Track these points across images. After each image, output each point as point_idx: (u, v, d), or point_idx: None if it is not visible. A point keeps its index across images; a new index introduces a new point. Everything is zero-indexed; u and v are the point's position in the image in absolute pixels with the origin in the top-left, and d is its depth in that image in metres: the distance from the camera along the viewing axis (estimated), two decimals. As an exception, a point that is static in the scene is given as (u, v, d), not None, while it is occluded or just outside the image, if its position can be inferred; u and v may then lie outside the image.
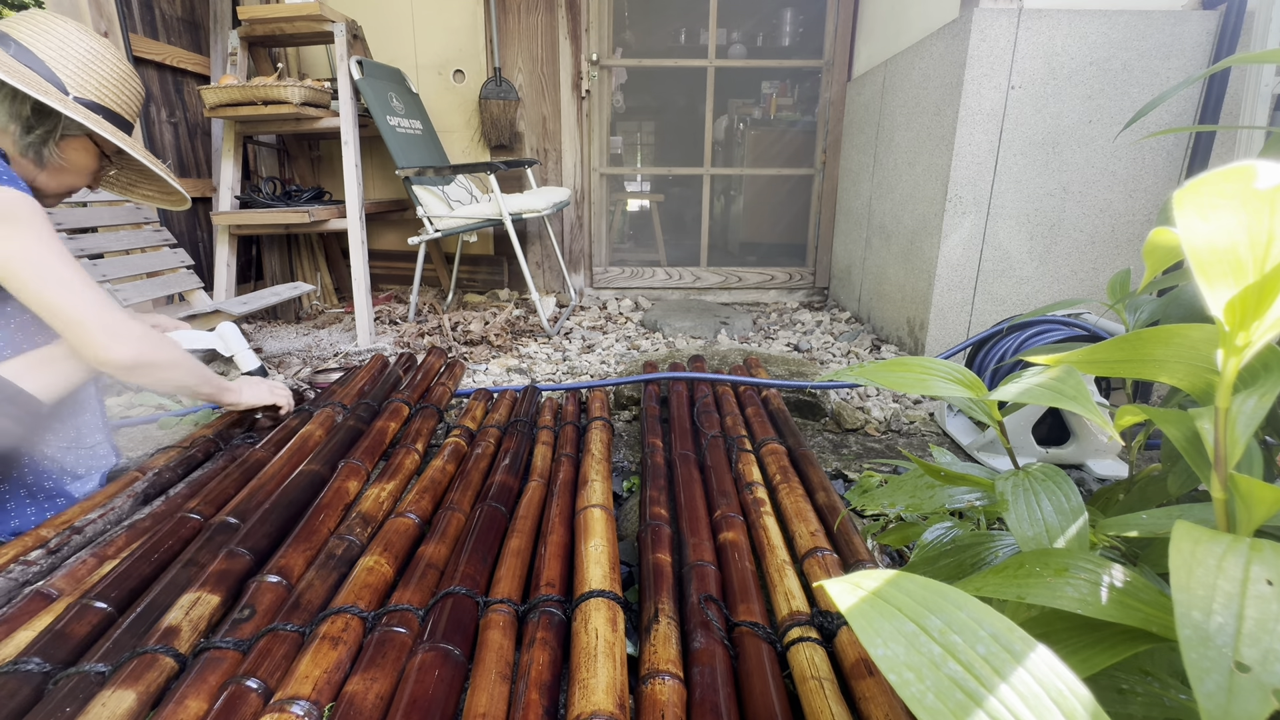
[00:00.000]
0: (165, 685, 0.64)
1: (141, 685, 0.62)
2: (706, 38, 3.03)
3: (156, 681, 0.63)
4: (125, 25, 2.05)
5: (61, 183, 1.00)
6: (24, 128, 0.92)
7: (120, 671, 0.63)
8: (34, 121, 0.92)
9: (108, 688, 0.61)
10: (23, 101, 0.90)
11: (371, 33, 2.74)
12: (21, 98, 0.90)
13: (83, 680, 0.63)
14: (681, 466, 1.10)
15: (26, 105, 0.91)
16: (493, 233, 3.05)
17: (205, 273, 2.53)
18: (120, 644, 0.68)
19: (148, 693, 0.62)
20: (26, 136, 0.92)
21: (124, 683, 0.62)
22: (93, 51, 0.96)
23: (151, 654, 0.65)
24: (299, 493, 0.99)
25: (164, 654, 0.66)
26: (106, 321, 0.90)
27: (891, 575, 0.28)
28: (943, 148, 1.81)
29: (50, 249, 0.87)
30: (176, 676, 0.66)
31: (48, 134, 0.93)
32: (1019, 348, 1.29)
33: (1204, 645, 0.24)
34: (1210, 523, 0.34)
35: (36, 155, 0.94)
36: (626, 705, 0.60)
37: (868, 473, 1.20)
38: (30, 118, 0.91)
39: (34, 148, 0.93)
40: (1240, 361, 0.30)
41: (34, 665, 0.65)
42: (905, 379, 0.47)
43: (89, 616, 0.72)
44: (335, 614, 0.70)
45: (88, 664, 0.65)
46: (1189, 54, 1.66)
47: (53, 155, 0.95)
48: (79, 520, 0.94)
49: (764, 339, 2.40)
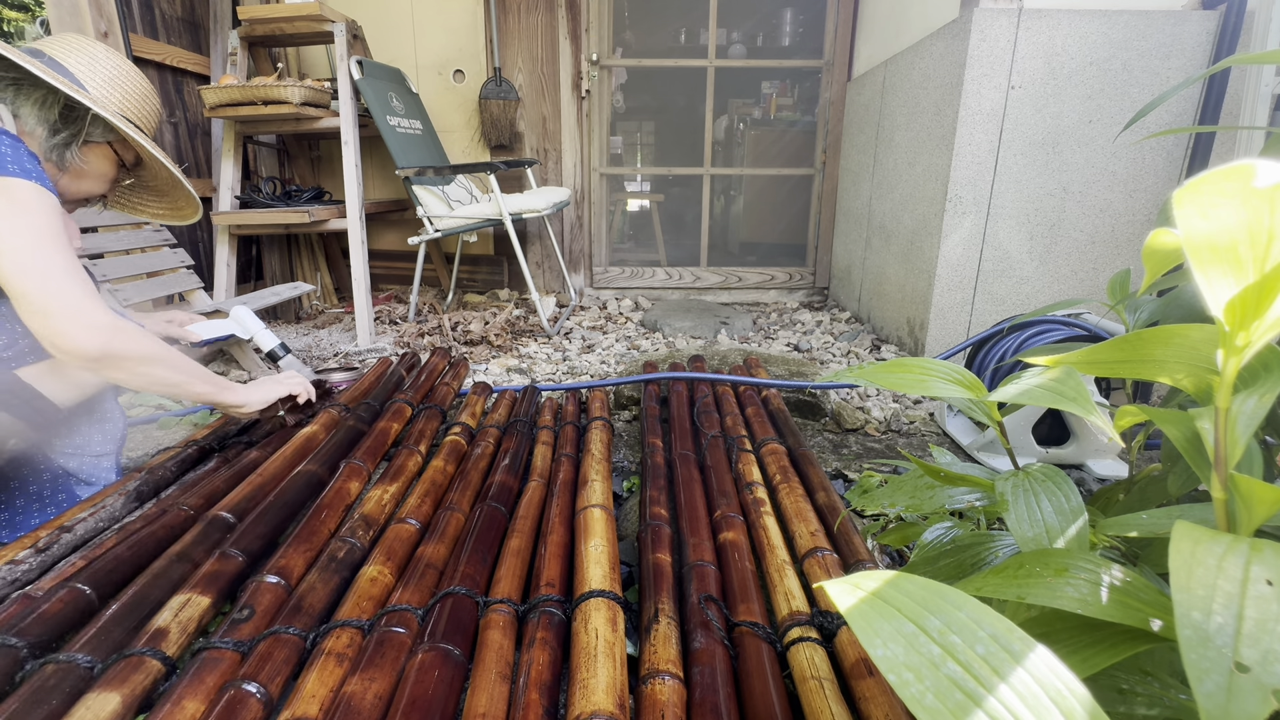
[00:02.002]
0: (152, 688, 0.64)
1: (127, 688, 0.61)
2: (706, 38, 3.03)
3: (143, 684, 0.63)
4: (125, 25, 2.05)
5: (80, 188, 1.04)
6: (50, 130, 0.96)
7: (106, 673, 0.63)
8: (60, 125, 0.96)
9: (93, 690, 0.60)
10: (51, 106, 0.95)
11: (371, 33, 2.74)
12: (50, 102, 0.95)
13: (67, 670, 0.62)
14: (681, 466, 1.10)
15: (55, 110, 0.95)
16: (493, 233, 3.05)
17: (205, 273, 2.53)
18: (107, 633, 0.68)
19: (133, 695, 0.61)
20: (52, 139, 0.96)
21: (109, 685, 0.61)
22: (119, 69, 1.02)
23: (138, 656, 0.65)
24: (296, 493, 0.98)
25: (151, 656, 0.65)
26: (74, 309, 0.85)
27: (891, 576, 0.28)
28: (943, 148, 1.81)
29: (39, 236, 0.84)
30: (165, 679, 0.65)
31: (72, 138, 0.98)
32: (1019, 348, 1.29)
33: (1204, 645, 0.24)
34: (1210, 523, 0.34)
35: (60, 158, 0.98)
36: (626, 705, 0.60)
37: (868, 473, 1.20)
38: (57, 121, 0.96)
39: (58, 150, 0.97)
40: (1240, 361, 0.30)
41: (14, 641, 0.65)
42: (905, 379, 0.47)
43: (73, 600, 0.72)
44: (339, 627, 0.70)
45: (69, 653, 0.64)
46: (1189, 54, 1.66)
47: (75, 159, 0.99)
48: (69, 520, 0.93)
49: (764, 339, 2.40)
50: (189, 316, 1.30)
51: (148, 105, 1.07)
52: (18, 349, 0.93)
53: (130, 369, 0.91)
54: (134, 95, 1.04)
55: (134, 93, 1.04)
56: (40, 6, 5.68)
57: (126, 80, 1.03)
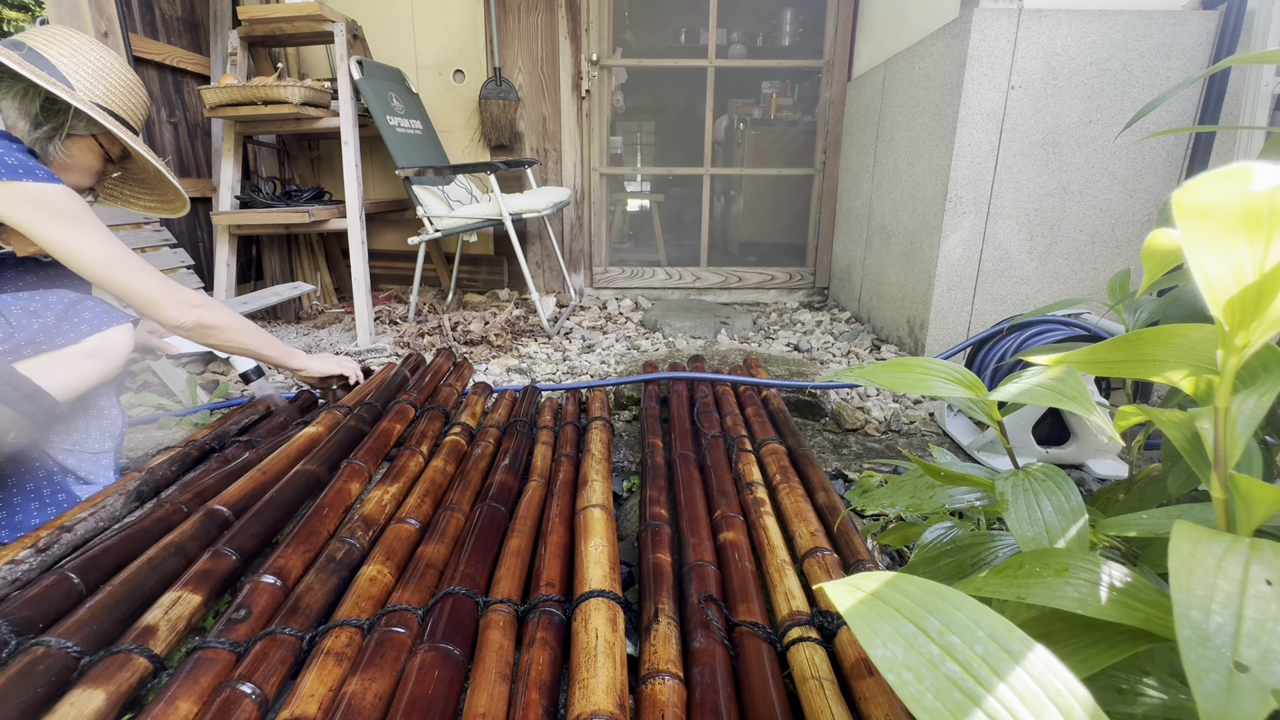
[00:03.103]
0: (138, 686, 0.63)
1: (112, 685, 0.61)
2: (706, 38, 3.03)
3: (129, 682, 0.62)
4: (125, 25, 2.05)
5: (66, 181, 1.03)
6: (32, 124, 0.97)
7: (92, 670, 0.62)
8: (41, 118, 0.97)
9: (78, 686, 0.60)
10: (32, 99, 0.95)
11: (371, 33, 2.74)
12: (31, 95, 0.95)
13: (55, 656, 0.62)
14: (681, 466, 1.10)
15: (35, 103, 0.96)
16: (493, 233, 3.05)
17: (205, 273, 2.53)
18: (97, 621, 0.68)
19: (119, 693, 0.61)
20: (34, 133, 0.97)
21: (94, 682, 0.61)
22: (103, 60, 1.02)
23: (125, 653, 0.64)
24: (294, 493, 0.98)
25: (139, 654, 0.65)
26: (172, 295, 1.05)
27: (890, 576, 0.28)
28: (943, 148, 1.81)
29: (103, 237, 0.97)
30: (152, 677, 0.65)
31: (54, 131, 0.98)
32: (1019, 348, 1.29)
33: (1203, 645, 0.24)
34: (1210, 523, 0.34)
35: (43, 151, 0.99)
36: (626, 705, 0.60)
37: (868, 473, 1.20)
38: (38, 114, 0.96)
39: (40, 144, 0.98)
40: (1240, 361, 0.30)
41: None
42: (905, 379, 0.47)
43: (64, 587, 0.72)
44: (339, 627, 0.70)
45: (55, 638, 0.64)
46: (1189, 54, 1.66)
47: (58, 152, 1.00)
48: (69, 520, 0.93)
49: (764, 339, 2.40)
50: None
51: (133, 97, 1.06)
52: (14, 341, 0.93)
53: (220, 336, 1.13)
54: (119, 87, 1.03)
55: (119, 85, 1.03)
56: (40, 6, 5.68)
57: (111, 72, 1.02)
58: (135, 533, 0.85)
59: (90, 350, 0.98)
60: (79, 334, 0.97)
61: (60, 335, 0.96)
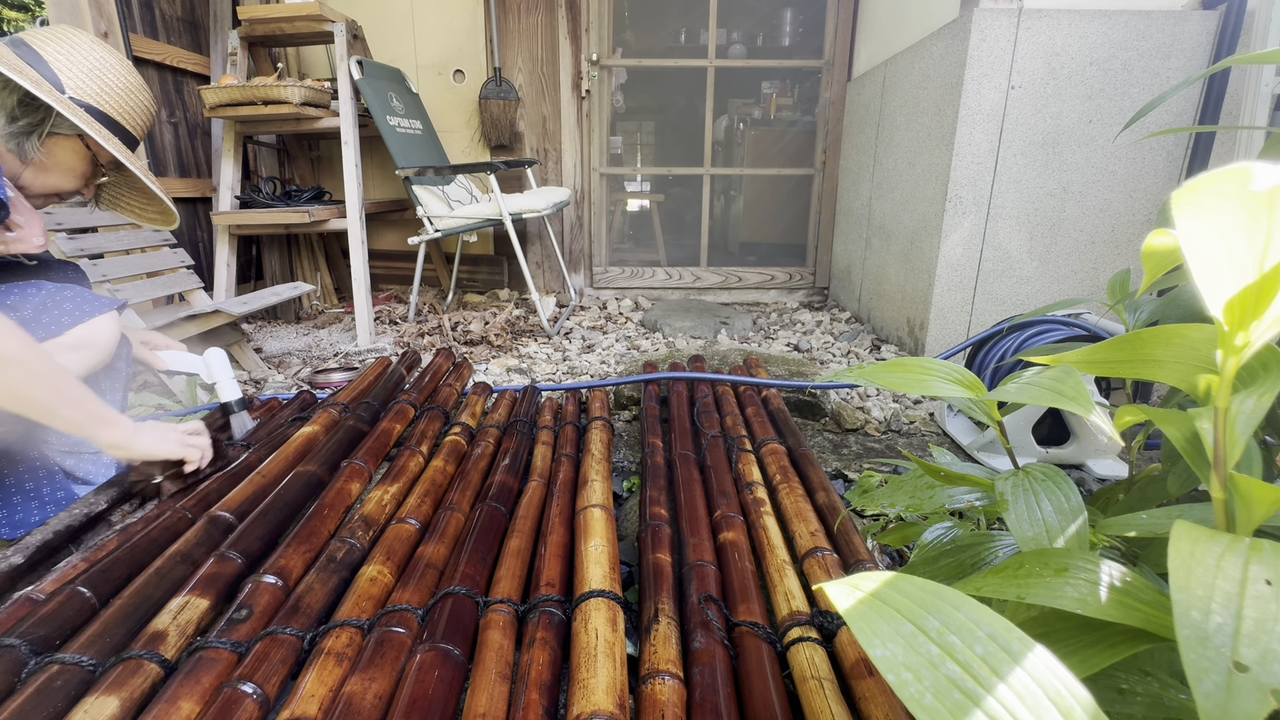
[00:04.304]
0: (150, 691, 0.63)
1: (125, 692, 0.61)
2: (706, 38, 3.03)
3: (141, 688, 0.63)
4: (125, 25, 2.05)
5: (47, 182, 1.00)
6: (8, 118, 0.92)
7: (104, 677, 0.63)
8: (19, 113, 0.92)
9: (91, 694, 0.60)
10: (11, 92, 0.91)
11: (371, 33, 2.74)
12: (11, 89, 0.91)
13: (68, 672, 0.62)
14: (681, 466, 1.10)
15: (12, 97, 0.91)
16: (493, 233, 3.05)
17: (205, 273, 2.53)
18: (109, 632, 0.68)
19: (131, 699, 0.61)
20: (9, 127, 0.92)
21: (108, 689, 0.61)
22: (102, 61, 0.97)
23: (136, 659, 0.65)
24: (294, 494, 0.98)
25: (149, 660, 0.65)
26: None
27: (890, 577, 0.28)
28: (943, 148, 1.81)
29: None
30: (163, 682, 0.65)
31: (32, 128, 0.93)
32: (1019, 348, 1.29)
33: (1203, 645, 0.24)
34: (1210, 523, 0.34)
35: (19, 148, 0.94)
36: (626, 705, 0.60)
37: (868, 473, 1.20)
38: (15, 108, 0.92)
39: (16, 139, 0.93)
40: (1239, 361, 0.30)
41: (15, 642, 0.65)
42: (905, 379, 0.47)
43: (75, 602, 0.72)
44: (339, 627, 0.70)
45: (70, 654, 0.64)
46: (1189, 54, 1.66)
47: (35, 151, 0.95)
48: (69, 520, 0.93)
49: (764, 339, 2.40)
50: (167, 341, 1.25)
51: (133, 100, 1.01)
52: None
53: None
54: (116, 89, 0.98)
55: (116, 86, 0.98)
56: (40, 6, 5.68)
57: (109, 73, 0.97)
58: (143, 543, 0.85)
59: (75, 343, 0.95)
60: (60, 326, 0.94)
61: (40, 329, 0.93)
